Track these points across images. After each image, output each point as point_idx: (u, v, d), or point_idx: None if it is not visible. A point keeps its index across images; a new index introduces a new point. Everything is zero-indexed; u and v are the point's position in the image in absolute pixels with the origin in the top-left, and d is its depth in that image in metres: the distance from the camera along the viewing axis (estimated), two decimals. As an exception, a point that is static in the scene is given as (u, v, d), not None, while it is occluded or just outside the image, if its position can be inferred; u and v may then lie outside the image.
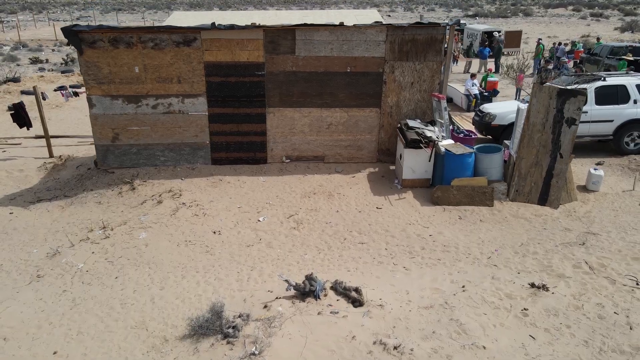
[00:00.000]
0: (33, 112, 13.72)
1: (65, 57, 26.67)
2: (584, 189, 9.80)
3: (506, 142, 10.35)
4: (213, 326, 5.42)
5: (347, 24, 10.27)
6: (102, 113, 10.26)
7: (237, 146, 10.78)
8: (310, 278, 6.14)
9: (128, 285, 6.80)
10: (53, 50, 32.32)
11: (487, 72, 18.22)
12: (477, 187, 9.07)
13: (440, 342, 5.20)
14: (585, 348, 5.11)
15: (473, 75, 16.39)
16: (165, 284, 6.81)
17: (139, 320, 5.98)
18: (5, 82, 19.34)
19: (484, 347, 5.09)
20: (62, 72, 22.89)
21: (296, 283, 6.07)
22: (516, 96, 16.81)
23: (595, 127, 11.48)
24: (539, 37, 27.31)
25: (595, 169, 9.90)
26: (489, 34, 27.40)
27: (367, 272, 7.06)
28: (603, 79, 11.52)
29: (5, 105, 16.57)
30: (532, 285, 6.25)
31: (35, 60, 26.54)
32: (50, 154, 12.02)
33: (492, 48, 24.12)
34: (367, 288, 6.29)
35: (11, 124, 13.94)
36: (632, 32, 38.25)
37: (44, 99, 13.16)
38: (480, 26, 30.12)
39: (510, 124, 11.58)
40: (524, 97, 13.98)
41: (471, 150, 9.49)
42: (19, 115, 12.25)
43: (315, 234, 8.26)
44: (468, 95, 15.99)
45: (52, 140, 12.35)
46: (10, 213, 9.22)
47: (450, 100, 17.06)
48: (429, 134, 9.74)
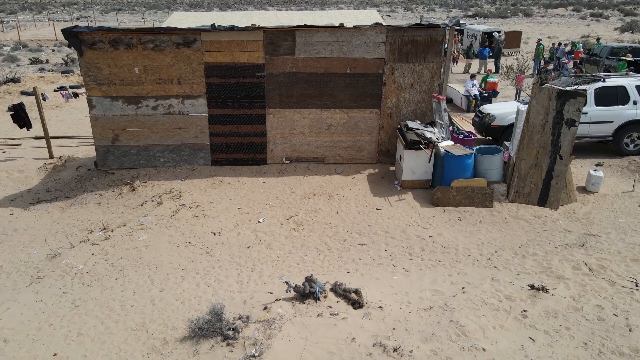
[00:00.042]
0: (33, 112, 13.74)
1: (65, 58, 26.68)
2: (584, 190, 9.81)
3: (506, 144, 10.35)
4: (213, 328, 5.42)
5: (347, 24, 10.28)
6: (102, 114, 10.27)
7: (237, 147, 10.79)
8: (310, 280, 6.15)
9: (128, 287, 6.81)
10: (53, 51, 32.32)
11: (487, 72, 18.24)
12: (476, 189, 9.07)
13: (439, 344, 5.21)
14: (585, 350, 5.12)
15: (473, 76, 16.41)
16: (165, 286, 6.82)
17: (139, 321, 5.98)
18: (5, 82, 19.34)
19: (484, 349, 5.10)
20: (62, 72, 22.90)
21: (296, 285, 6.07)
22: (516, 97, 16.82)
23: (595, 128, 11.49)
24: (539, 38, 27.30)
25: (594, 170, 9.91)
26: (488, 35, 27.42)
27: (367, 274, 7.06)
28: (603, 80, 11.53)
29: (5, 105, 16.58)
30: (532, 286, 6.25)
31: (35, 61, 26.55)
32: (51, 155, 12.03)
33: (492, 48, 24.13)
34: (367, 289, 6.29)
35: (11, 125, 13.97)
36: (632, 32, 38.25)
37: (44, 99, 13.18)
38: (480, 26, 30.14)
39: (510, 125, 11.59)
40: (524, 98, 13.98)
41: (471, 151, 9.50)
42: (19, 116, 12.26)
43: (315, 235, 8.26)
44: (468, 96, 16.01)
45: (52, 141, 12.36)
46: (10, 214, 9.23)
47: (450, 101, 17.07)
48: (428, 135, 9.75)
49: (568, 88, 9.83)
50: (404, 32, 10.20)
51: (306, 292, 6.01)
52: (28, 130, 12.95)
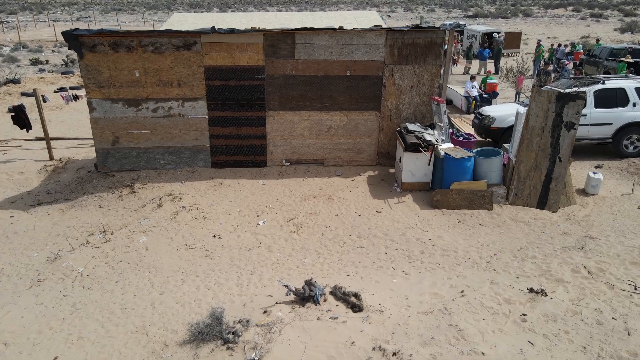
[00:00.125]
0: (33, 114, 13.75)
1: (66, 58, 26.69)
2: (583, 192, 9.83)
3: (505, 146, 10.37)
4: (213, 331, 5.43)
5: (347, 26, 10.31)
6: (102, 116, 10.28)
7: (237, 149, 10.81)
8: (309, 283, 6.16)
9: (128, 290, 6.83)
10: (53, 51, 32.34)
11: (487, 74, 18.25)
12: (476, 191, 9.09)
13: (439, 347, 5.22)
14: (584, 354, 5.14)
15: (473, 77, 16.42)
16: (166, 289, 6.83)
17: (139, 325, 6.00)
18: (5, 83, 19.36)
19: (483, 353, 5.11)
20: (62, 73, 22.91)
21: (296, 288, 6.09)
22: (516, 99, 16.83)
23: (595, 130, 11.51)
24: (539, 39, 27.31)
25: (594, 172, 9.92)
26: (488, 35, 27.44)
27: (367, 277, 7.08)
28: (602, 82, 11.55)
29: (5, 107, 16.60)
30: (531, 290, 6.27)
31: (35, 61, 26.57)
32: (51, 157, 12.04)
33: (492, 49, 24.15)
34: (367, 293, 6.31)
35: (11, 126, 13.98)
36: (632, 33, 38.26)
37: (44, 101, 13.19)
38: (480, 27, 30.17)
39: (509, 127, 11.61)
40: (523, 100, 13.99)
41: (470, 154, 9.52)
42: (19, 118, 12.28)
43: (314, 237, 8.28)
44: (467, 97, 16.02)
45: (52, 143, 12.37)
46: (10, 216, 9.24)
47: (450, 102, 17.08)
48: (428, 137, 9.77)
49: (567, 91, 9.85)
50: (404, 34, 10.21)
51: (306, 296, 6.02)
52: (28, 131, 12.98)
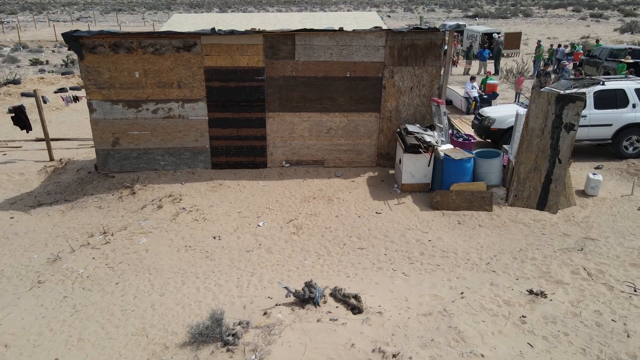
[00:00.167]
0: (33, 114, 13.76)
1: (66, 59, 26.70)
2: (583, 193, 9.84)
3: (505, 147, 10.38)
4: (213, 333, 5.44)
5: (347, 26, 10.33)
6: (102, 118, 10.29)
7: (237, 150, 10.82)
8: (309, 285, 6.17)
9: (128, 291, 6.83)
10: (53, 52, 32.34)
11: (487, 74, 18.25)
12: (476, 192, 9.10)
13: (438, 350, 5.23)
14: (583, 356, 5.14)
15: (473, 77, 16.43)
16: (166, 290, 6.84)
17: (140, 326, 6.00)
18: (5, 84, 19.37)
19: (482, 356, 5.12)
20: (62, 73, 22.92)
21: (296, 290, 6.10)
22: (516, 99, 16.84)
23: (594, 131, 11.52)
24: (539, 39, 27.32)
25: (594, 173, 9.93)
26: (488, 36, 27.44)
27: (367, 278, 7.09)
28: (602, 83, 11.56)
29: (5, 107, 16.61)
30: (531, 291, 6.28)
31: (35, 62, 26.58)
32: (51, 157, 12.05)
33: (492, 50, 24.15)
34: (366, 294, 6.31)
35: (12, 127, 13.99)
36: (632, 33, 38.26)
37: (44, 102, 13.20)
38: (480, 27, 30.17)
39: (509, 128, 11.62)
40: (523, 101, 14.00)
41: (470, 155, 9.52)
42: (19, 118, 12.29)
43: (314, 239, 8.29)
44: (467, 98, 16.02)
45: (53, 143, 12.38)
46: (11, 217, 9.25)
47: (450, 103, 17.09)
48: (428, 138, 9.78)
49: (567, 92, 9.86)
50: (404, 36, 10.22)
51: (306, 297, 6.03)
52: (28, 132, 12.99)
